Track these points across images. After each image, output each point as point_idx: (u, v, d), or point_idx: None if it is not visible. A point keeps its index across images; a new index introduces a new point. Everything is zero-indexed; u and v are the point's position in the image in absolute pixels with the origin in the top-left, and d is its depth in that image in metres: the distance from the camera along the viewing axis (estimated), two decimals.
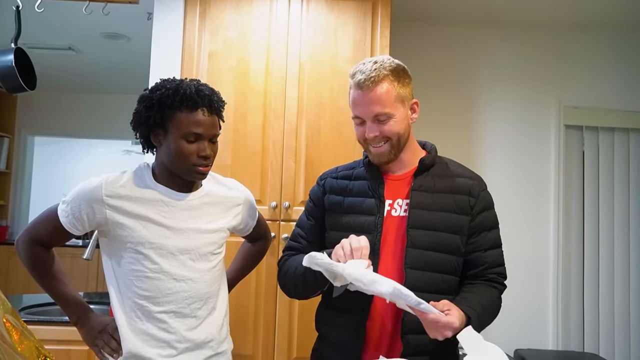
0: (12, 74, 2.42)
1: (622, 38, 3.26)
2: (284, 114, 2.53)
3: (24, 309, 2.52)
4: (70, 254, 4.90)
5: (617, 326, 3.14)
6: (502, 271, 1.53)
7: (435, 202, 1.46)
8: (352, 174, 1.58)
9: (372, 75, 1.41)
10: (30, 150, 5.97)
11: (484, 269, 1.49)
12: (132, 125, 1.55)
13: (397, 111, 1.44)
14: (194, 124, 1.47)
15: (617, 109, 3.24)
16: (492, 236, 1.51)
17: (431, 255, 1.43)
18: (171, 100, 1.47)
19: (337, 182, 1.59)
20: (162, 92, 1.48)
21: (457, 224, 1.45)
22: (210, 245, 1.58)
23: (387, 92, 1.42)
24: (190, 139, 1.47)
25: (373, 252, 1.41)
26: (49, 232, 1.54)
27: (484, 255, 1.49)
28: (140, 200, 1.50)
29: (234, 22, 2.57)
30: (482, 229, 1.49)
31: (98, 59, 4.39)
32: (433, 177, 1.50)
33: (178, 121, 1.47)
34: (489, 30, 3.25)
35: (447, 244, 1.44)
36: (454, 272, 1.46)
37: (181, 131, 1.47)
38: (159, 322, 1.50)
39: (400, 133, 1.46)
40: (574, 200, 3.23)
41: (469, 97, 3.25)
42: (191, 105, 1.47)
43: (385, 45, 2.57)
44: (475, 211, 1.48)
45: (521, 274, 3.14)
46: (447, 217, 1.45)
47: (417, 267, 1.41)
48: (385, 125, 1.43)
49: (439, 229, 1.44)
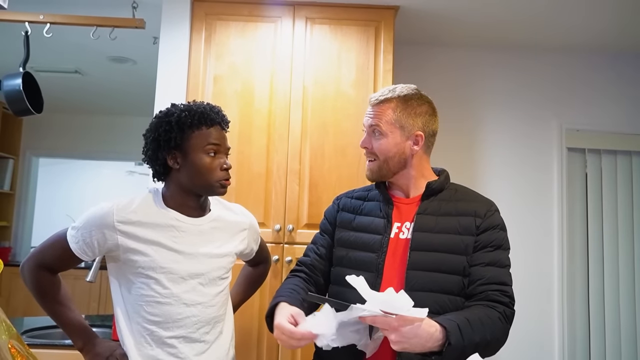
0: (19, 97, 2.45)
1: (623, 61, 3.28)
2: (288, 137, 2.55)
3: (26, 332, 2.50)
4: (73, 275, 4.81)
5: (624, 350, 3.10)
6: (505, 290, 1.42)
7: (439, 224, 1.46)
8: (367, 195, 1.63)
9: (382, 95, 1.54)
10: (34, 171, 5.98)
11: (481, 283, 1.41)
12: (149, 152, 1.55)
13: (391, 134, 1.52)
14: (213, 138, 1.53)
15: (619, 131, 3.24)
16: (496, 255, 1.45)
17: (434, 276, 1.41)
18: (190, 120, 1.52)
19: (352, 202, 1.64)
20: (179, 114, 1.53)
21: (462, 244, 1.44)
22: (220, 270, 1.58)
23: (387, 112, 1.52)
24: (211, 153, 1.52)
25: (376, 271, 1.44)
26: (57, 257, 1.53)
27: (483, 269, 1.42)
28: (151, 226, 1.50)
29: (239, 46, 2.60)
30: (485, 245, 1.45)
31: (104, 82, 4.43)
32: (440, 202, 1.51)
33: (197, 139, 1.52)
34: (490, 53, 3.28)
35: (451, 264, 1.42)
36: (460, 293, 1.42)
37: (201, 146, 1.51)
38: (169, 347, 1.49)
39: (388, 155, 1.52)
40: (578, 222, 3.21)
41: (471, 119, 3.26)
42: (209, 122, 1.53)
43: (388, 69, 2.60)
44: (481, 230, 1.46)
45: (526, 296, 3.11)
46: (450, 239, 1.45)
47: (418, 289, 1.39)
48: (376, 141, 1.53)
49: (442, 250, 1.43)
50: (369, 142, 1.54)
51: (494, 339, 1.35)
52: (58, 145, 5.87)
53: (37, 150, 5.90)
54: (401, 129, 1.51)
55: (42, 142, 5.84)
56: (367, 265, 1.47)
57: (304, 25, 2.62)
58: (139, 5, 2.68)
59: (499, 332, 1.37)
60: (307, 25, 2.63)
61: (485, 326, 1.32)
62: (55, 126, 5.77)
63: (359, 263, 1.48)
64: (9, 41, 3.05)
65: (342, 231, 1.58)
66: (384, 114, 1.51)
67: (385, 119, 1.51)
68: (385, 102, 1.52)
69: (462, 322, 1.29)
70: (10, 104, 2.50)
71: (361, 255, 1.49)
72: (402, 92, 1.53)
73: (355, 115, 2.56)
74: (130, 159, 6.29)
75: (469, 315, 1.33)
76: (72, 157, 6.34)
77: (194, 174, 1.52)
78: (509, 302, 1.41)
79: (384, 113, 1.51)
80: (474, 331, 1.29)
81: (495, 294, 1.40)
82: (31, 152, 5.87)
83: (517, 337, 3.03)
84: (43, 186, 6.43)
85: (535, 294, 3.13)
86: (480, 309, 1.37)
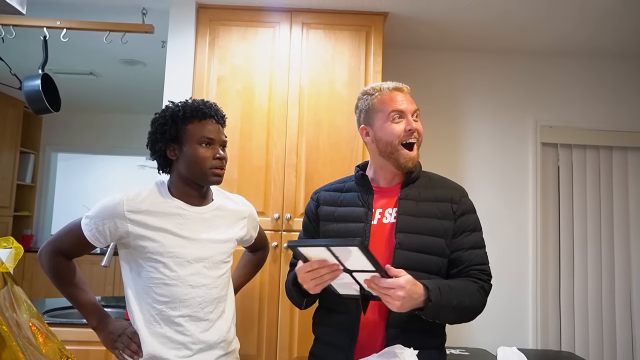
0: (39, 97, 2.44)
1: (592, 64, 3.29)
2: (286, 133, 2.54)
3: (47, 312, 2.51)
4: (89, 260, 4.86)
5: (591, 326, 3.13)
6: (484, 269, 1.48)
7: (421, 209, 1.48)
8: (343, 187, 1.61)
9: (405, 85, 1.54)
10: (53, 165, 5.97)
11: (465, 266, 1.46)
12: (149, 145, 1.57)
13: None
14: (206, 130, 1.52)
15: (589, 128, 3.25)
16: (473, 238, 1.49)
17: (418, 256, 1.43)
18: (182, 113, 1.53)
19: (330, 194, 1.61)
20: (173, 109, 1.55)
21: (441, 228, 1.46)
22: (222, 254, 1.59)
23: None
24: (204, 144, 1.52)
25: None
26: (72, 244, 1.54)
27: (465, 254, 1.46)
28: (158, 214, 1.50)
29: (240, 50, 2.59)
30: (463, 230, 1.48)
31: (116, 82, 4.41)
32: (418, 188, 1.52)
33: (192, 131, 1.52)
34: (471, 56, 3.27)
35: (432, 246, 1.44)
36: (438, 272, 1.45)
37: (195, 138, 1.51)
38: (176, 326, 1.49)
39: (422, 136, 1.53)
40: (551, 210, 3.23)
41: (454, 116, 3.26)
42: (201, 115, 1.53)
43: (378, 70, 2.59)
44: (457, 214, 1.48)
45: (503, 279, 3.13)
46: (431, 222, 1.46)
47: (404, 267, 1.40)
48: (418, 124, 1.51)
49: (424, 232, 1.45)
50: (414, 124, 1.49)
51: (471, 306, 1.41)
52: (75, 142, 5.85)
53: (56, 146, 5.89)
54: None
55: (61, 138, 5.82)
56: None
57: (301, 30, 2.61)
58: (148, 12, 2.67)
59: (477, 302, 1.42)
60: (303, 30, 2.62)
61: (465, 293, 1.39)
62: (73, 124, 5.75)
63: None
64: (29, 45, 3.03)
65: (326, 224, 1.55)
66: (412, 100, 1.53)
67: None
68: (408, 92, 1.54)
69: (444, 285, 1.36)
70: (30, 103, 2.49)
71: None
72: None
73: (347, 113, 2.55)
74: (141, 154, 6.25)
75: (451, 282, 1.41)
76: (88, 152, 6.32)
77: (189, 164, 1.52)
78: (487, 278, 1.47)
79: (412, 99, 1.53)
80: (453, 294, 1.35)
81: (476, 273, 1.46)
82: (50, 148, 5.85)
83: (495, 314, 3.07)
84: (62, 179, 6.41)
85: (511, 278, 3.15)
86: (462, 280, 1.44)
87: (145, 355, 1.48)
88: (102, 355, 2.23)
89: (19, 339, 0.87)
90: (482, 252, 1.50)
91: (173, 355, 1.48)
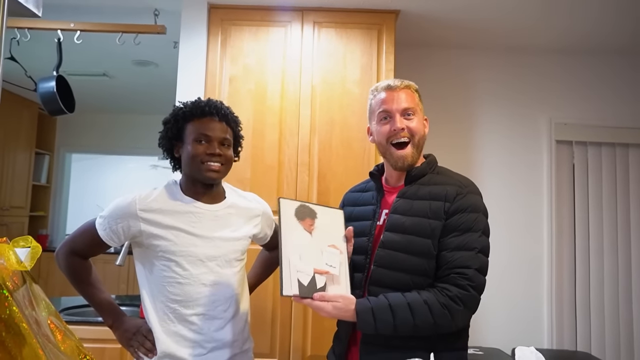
0: (53, 98, 2.47)
1: (608, 61, 3.25)
2: (298, 132, 2.55)
3: (63, 310, 2.54)
4: (103, 260, 4.90)
5: (607, 326, 3.09)
6: (465, 273, 1.35)
7: (414, 208, 1.45)
8: (365, 187, 1.65)
9: (403, 82, 1.53)
10: (68, 166, 6.04)
11: (445, 268, 1.37)
12: (160, 144, 1.60)
13: (419, 113, 1.52)
14: (203, 128, 1.53)
15: (604, 125, 3.22)
16: (464, 239, 1.38)
17: (400, 256, 1.41)
18: (182, 112, 1.55)
19: (353, 195, 1.66)
20: (177, 109, 1.58)
21: (429, 228, 1.40)
22: (235, 252, 1.59)
23: (412, 94, 1.53)
24: (201, 142, 1.52)
25: (366, 253, 1.48)
26: (87, 244, 1.56)
27: (448, 255, 1.37)
28: (170, 213, 1.52)
29: (252, 49, 2.60)
30: (454, 230, 1.39)
31: (129, 83, 4.45)
32: (419, 186, 1.49)
33: (190, 129, 1.54)
34: (484, 54, 3.25)
35: (417, 246, 1.40)
36: (424, 274, 1.40)
37: (193, 136, 1.52)
38: (190, 324, 1.50)
39: (420, 134, 1.51)
40: (566, 208, 3.20)
41: (466, 114, 3.24)
42: (200, 114, 1.54)
43: (390, 69, 2.59)
44: (450, 214, 1.40)
45: (517, 279, 3.11)
46: (420, 222, 1.42)
47: (383, 266, 1.42)
48: (410, 121, 1.49)
49: (411, 232, 1.42)
50: (404, 122, 1.48)
51: (424, 323, 1.33)
52: (89, 142, 5.92)
53: (70, 147, 5.96)
54: (421, 111, 1.54)
55: (75, 139, 5.89)
56: (361, 249, 1.49)
57: (312, 29, 2.62)
58: (160, 13, 2.69)
59: (438, 317, 1.33)
60: (314, 28, 2.62)
61: (415, 311, 1.33)
62: (86, 125, 5.82)
63: (356, 248, 1.50)
64: (43, 47, 3.07)
65: (348, 224, 1.56)
66: (410, 96, 1.51)
67: (413, 100, 1.51)
68: (408, 87, 1.52)
69: (380, 305, 1.34)
70: (45, 104, 2.52)
71: (358, 241, 1.50)
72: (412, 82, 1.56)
73: (359, 111, 2.55)
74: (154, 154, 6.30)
75: (396, 300, 1.35)
76: (102, 153, 6.38)
77: (186, 161, 1.55)
78: (466, 284, 1.35)
79: (410, 95, 1.51)
80: (395, 315, 1.33)
81: (454, 278, 1.35)
82: (65, 149, 5.93)
83: (509, 314, 3.05)
84: (76, 179, 6.48)
85: (524, 278, 3.13)
86: (422, 294, 1.36)
87: (159, 354, 1.49)
88: (118, 353, 2.26)
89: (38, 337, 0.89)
90: (469, 255, 1.37)
91: (187, 354, 1.49)
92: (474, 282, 1.35)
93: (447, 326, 1.35)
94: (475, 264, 1.37)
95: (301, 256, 1.36)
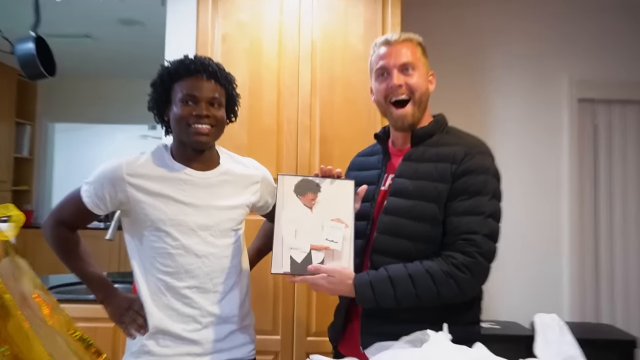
0: (33, 61, 2.43)
1: (631, 11, 3.18)
2: (298, 92, 2.51)
3: (52, 289, 2.57)
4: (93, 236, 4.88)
5: (632, 296, 3.11)
6: (473, 239, 1.33)
7: (419, 171, 1.44)
8: (372, 150, 1.64)
9: (402, 35, 1.50)
10: (51, 137, 6.03)
11: (452, 234, 1.36)
12: (149, 108, 1.59)
13: (420, 68, 1.49)
14: (189, 87, 1.50)
15: (630, 80, 3.16)
16: (472, 202, 1.36)
17: (403, 222, 1.41)
18: (168, 72, 1.52)
19: (360, 159, 1.67)
20: (162, 68, 1.55)
21: (435, 192, 1.39)
22: (230, 222, 1.58)
23: (413, 48, 1.49)
24: (188, 103, 1.49)
25: (368, 219, 1.49)
26: (72, 213, 1.56)
27: (455, 220, 1.36)
28: (159, 179, 1.51)
29: (246, 3, 2.55)
30: (461, 193, 1.37)
31: (114, 45, 4.40)
32: (425, 147, 1.47)
33: (177, 89, 1.51)
34: (499, 8, 3.18)
35: (422, 211, 1.39)
36: (428, 241, 1.39)
37: (179, 96, 1.50)
38: (183, 298, 1.51)
39: (422, 90, 1.48)
40: (587, 173, 3.18)
41: (482, 73, 3.20)
42: (185, 73, 1.50)
43: (397, 23, 2.53)
44: (457, 176, 1.38)
45: (536, 248, 3.12)
46: (425, 185, 1.41)
47: (385, 233, 1.42)
48: (410, 77, 1.46)
49: (415, 197, 1.41)
50: (402, 79, 1.46)
51: (428, 293, 1.33)
52: (72, 110, 5.89)
53: (53, 116, 5.94)
54: (424, 65, 1.51)
55: (57, 107, 5.86)
56: (364, 215, 1.49)
57: None
58: None
59: (442, 286, 1.33)
60: None
61: (416, 281, 1.33)
62: (69, 91, 5.77)
63: (359, 214, 1.49)
64: (19, 5, 3.02)
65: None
66: (411, 50, 1.48)
67: (415, 54, 1.48)
68: (409, 41, 1.50)
69: (380, 278, 1.35)
70: (23, 68, 2.48)
71: (362, 206, 1.50)
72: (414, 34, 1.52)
73: (364, 69, 2.47)
74: (143, 122, 6.29)
75: (397, 272, 1.36)
76: (87, 122, 6.37)
77: (173, 125, 1.53)
78: (473, 251, 1.33)
79: (411, 49, 1.48)
80: (395, 287, 1.34)
81: (461, 244, 1.34)
82: (47, 118, 5.90)
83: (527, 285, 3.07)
84: (61, 151, 6.49)
85: (543, 247, 3.13)
86: (425, 263, 1.36)
87: (151, 329, 1.50)
88: (110, 332, 2.28)
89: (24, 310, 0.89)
90: (477, 220, 1.35)
91: (181, 329, 1.50)
92: (481, 248, 1.34)
93: (453, 296, 1.35)
94: (484, 230, 1.35)
95: (297, 232, 1.40)
